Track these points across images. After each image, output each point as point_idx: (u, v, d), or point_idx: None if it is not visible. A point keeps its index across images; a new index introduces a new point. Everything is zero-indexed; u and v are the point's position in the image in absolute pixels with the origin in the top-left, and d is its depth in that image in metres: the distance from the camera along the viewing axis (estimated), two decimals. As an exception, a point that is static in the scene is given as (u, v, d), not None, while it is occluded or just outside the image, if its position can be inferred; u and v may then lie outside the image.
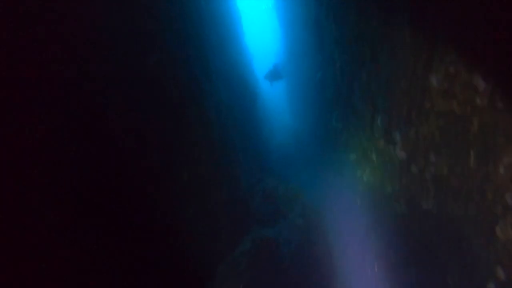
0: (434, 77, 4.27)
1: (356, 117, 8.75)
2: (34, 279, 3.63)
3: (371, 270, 9.50)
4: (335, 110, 11.41)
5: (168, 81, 7.18)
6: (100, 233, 4.97)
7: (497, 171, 3.41)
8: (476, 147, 3.73)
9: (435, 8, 4.11)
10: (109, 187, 5.21)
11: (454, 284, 4.80)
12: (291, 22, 18.39)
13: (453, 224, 4.58)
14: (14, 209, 3.46)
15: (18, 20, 3.75)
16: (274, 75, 18.01)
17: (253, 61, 25.20)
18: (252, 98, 17.85)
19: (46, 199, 3.93)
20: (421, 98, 4.63)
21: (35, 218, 3.73)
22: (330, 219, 12.58)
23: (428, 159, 4.81)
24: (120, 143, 5.65)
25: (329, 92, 11.84)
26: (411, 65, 4.77)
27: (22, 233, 3.54)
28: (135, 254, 5.91)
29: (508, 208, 3.35)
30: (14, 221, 3.48)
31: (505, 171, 3.31)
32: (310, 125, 17.79)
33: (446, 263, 4.99)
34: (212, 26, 12.04)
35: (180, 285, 6.88)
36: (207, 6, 11.46)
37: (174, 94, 7.30)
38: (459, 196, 4.30)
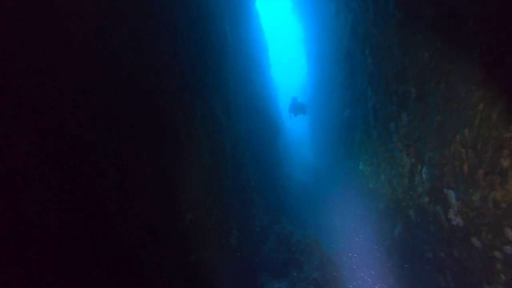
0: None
1: (391, 165, 7.52)
2: None
3: None
4: (363, 153, 10.21)
5: (177, 110, 6.24)
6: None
7: None
8: None
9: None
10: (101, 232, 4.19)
11: None
12: (320, 55, 17.57)
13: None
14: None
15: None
16: (296, 108, 17.05)
17: (278, 94, 24.46)
18: (274, 132, 16.83)
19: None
20: (494, 153, 3.44)
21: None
22: (351, 276, 11.08)
23: (501, 232, 3.55)
24: (114, 177, 4.67)
25: (358, 132, 10.68)
26: (480, 112, 3.62)
27: None
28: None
29: None
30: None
31: None
32: (333, 166, 16.53)
33: None
34: (237, 57, 11.25)
35: None
36: (232, 36, 10.74)
37: (182, 125, 6.33)
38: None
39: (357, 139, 10.81)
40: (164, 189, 5.53)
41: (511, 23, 3.08)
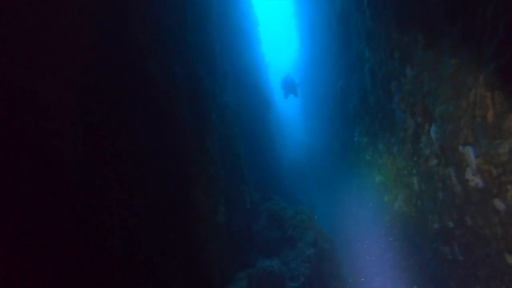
0: None
1: (390, 132, 6.82)
2: None
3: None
4: (359, 123, 9.50)
5: (153, 69, 5.43)
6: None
7: None
8: None
9: None
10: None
11: None
12: (312, 28, 16.67)
13: None
14: None
15: None
16: (287, 85, 16.24)
17: (269, 71, 23.55)
18: (265, 108, 16.03)
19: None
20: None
21: None
22: (347, 251, 10.52)
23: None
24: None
25: (353, 102, 9.95)
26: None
27: None
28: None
29: None
30: None
31: None
32: (326, 140, 15.85)
33: None
34: (223, 23, 10.33)
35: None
36: (219, 7, 9.76)
37: (160, 87, 5.54)
38: None
39: (352, 110, 10.09)
40: (138, 156, 4.78)
41: None
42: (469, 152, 3.66)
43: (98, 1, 4.43)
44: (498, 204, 3.41)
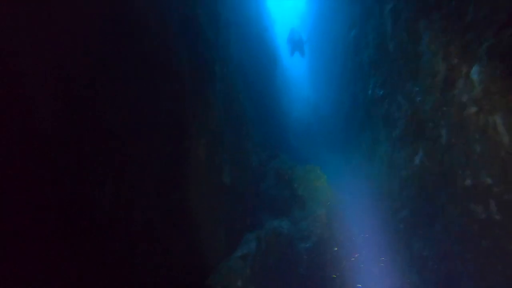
0: None
1: (413, 80, 6.06)
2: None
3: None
4: (374, 75, 8.68)
5: (145, 11, 4.65)
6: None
7: None
8: None
9: None
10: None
11: None
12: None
13: None
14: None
15: None
16: (294, 42, 15.21)
17: (275, 26, 22.24)
18: (271, 64, 15.10)
19: None
20: None
21: None
22: (358, 211, 10.08)
23: None
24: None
25: (367, 52, 9.07)
26: None
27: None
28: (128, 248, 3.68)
29: None
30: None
31: None
32: (335, 97, 15.03)
33: None
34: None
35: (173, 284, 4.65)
36: None
37: (154, 31, 4.77)
38: None
39: (366, 60, 9.23)
40: (127, 107, 4.13)
41: None
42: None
43: None
44: None
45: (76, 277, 3.30)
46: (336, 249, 8.14)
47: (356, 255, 8.32)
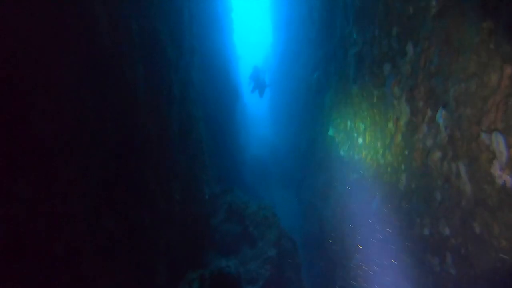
0: None
1: (375, 124, 6.01)
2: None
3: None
4: (334, 117, 8.68)
5: (99, 13, 4.21)
6: None
7: None
8: None
9: None
10: None
11: None
12: (287, 18, 15.81)
13: None
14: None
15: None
16: (256, 79, 15.27)
17: (240, 64, 22.47)
18: (233, 97, 14.95)
19: None
20: None
21: None
22: (310, 254, 9.70)
23: None
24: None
25: (329, 93, 9.12)
26: None
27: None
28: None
29: None
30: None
31: None
32: (294, 138, 15.03)
33: None
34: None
35: None
36: None
37: (109, 36, 4.33)
38: None
39: (327, 102, 9.27)
40: (62, 116, 3.56)
41: None
42: (498, 141, 2.83)
43: None
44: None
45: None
46: None
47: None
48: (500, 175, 2.85)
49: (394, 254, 5.43)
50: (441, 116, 3.69)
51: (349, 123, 7.61)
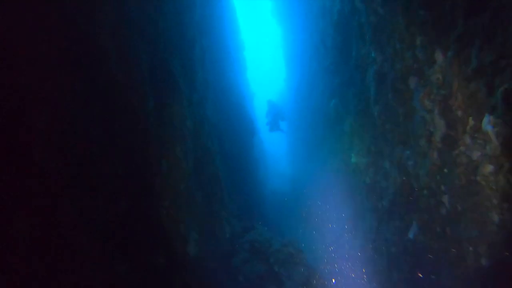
0: None
1: (403, 144, 5.47)
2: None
3: None
4: (356, 144, 8.15)
5: (110, 48, 4.00)
6: None
7: None
8: None
9: None
10: None
11: None
12: (301, 50, 15.73)
13: None
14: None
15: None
16: (274, 114, 15.03)
17: (254, 101, 22.47)
18: (249, 133, 14.64)
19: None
20: None
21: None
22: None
23: None
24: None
25: (348, 120, 8.66)
26: None
27: None
28: None
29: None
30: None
31: None
32: (315, 172, 14.41)
33: None
34: (207, 28, 9.09)
35: None
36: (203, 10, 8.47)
37: (120, 70, 4.09)
38: None
39: (347, 129, 8.78)
40: (69, 155, 3.23)
41: None
42: None
43: None
44: None
45: None
46: None
47: None
48: None
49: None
50: (488, 122, 3.17)
51: (372, 147, 7.07)
